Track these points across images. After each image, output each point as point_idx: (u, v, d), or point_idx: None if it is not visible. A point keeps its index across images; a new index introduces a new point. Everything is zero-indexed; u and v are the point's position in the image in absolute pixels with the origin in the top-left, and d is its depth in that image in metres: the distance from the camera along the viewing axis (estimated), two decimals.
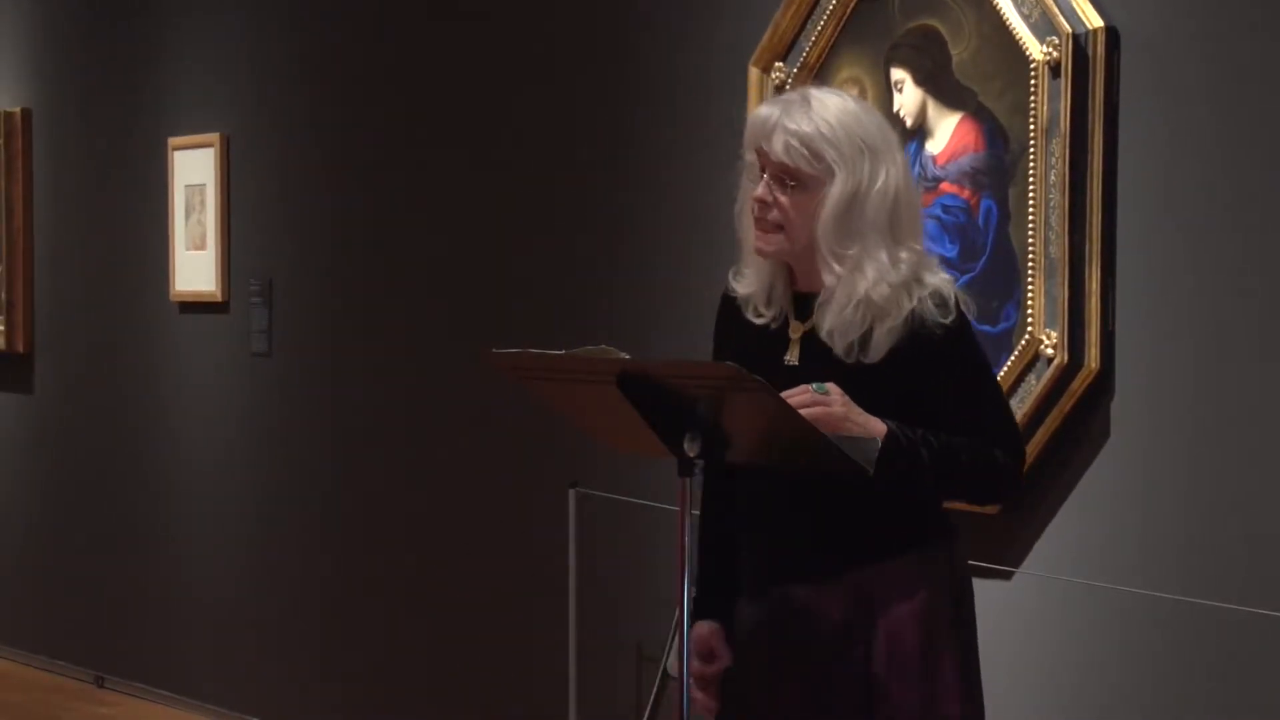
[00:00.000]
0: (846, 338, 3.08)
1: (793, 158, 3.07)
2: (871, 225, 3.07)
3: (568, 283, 5.51)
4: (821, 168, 3.07)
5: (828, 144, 3.06)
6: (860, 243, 3.07)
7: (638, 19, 5.31)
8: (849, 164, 3.06)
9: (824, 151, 3.06)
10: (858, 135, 3.07)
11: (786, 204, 3.10)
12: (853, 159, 3.06)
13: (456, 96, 5.86)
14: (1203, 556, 3.96)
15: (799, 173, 3.08)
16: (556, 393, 3.18)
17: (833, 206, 3.06)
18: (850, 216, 3.07)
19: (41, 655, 7.72)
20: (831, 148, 3.06)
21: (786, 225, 3.11)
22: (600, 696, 5.39)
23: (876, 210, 3.07)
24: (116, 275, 7.31)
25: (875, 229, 3.07)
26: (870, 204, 3.07)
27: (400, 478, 6.13)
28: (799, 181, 3.08)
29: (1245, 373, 3.89)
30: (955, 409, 3.10)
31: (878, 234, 3.07)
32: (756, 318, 3.21)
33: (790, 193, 3.09)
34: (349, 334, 6.30)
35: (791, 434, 2.96)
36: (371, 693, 6.22)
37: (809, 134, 3.06)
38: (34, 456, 7.81)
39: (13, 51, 7.83)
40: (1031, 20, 4.18)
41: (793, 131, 3.07)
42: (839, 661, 3.13)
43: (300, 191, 6.48)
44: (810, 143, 3.06)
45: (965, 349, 3.12)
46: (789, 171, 3.08)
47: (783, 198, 3.10)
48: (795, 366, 3.15)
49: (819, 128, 3.06)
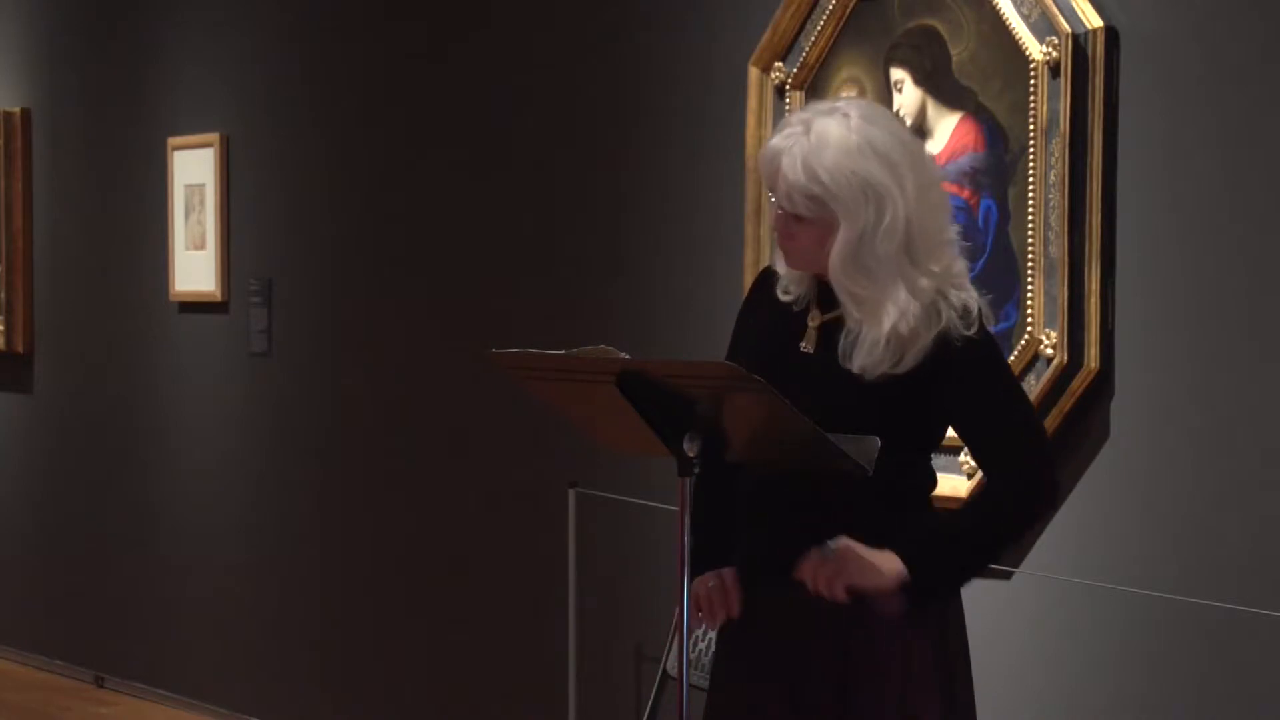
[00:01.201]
0: (878, 370, 3.08)
1: (794, 205, 3.09)
2: (884, 262, 3.05)
3: (568, 283, 5.51)
4: (826, 212, 3.07)
5: (828, 193, 3.05)
6: (875, 282, 3.05)
7: (638, 19, 5.31)
8: (850, 211, 3.05)
9: (826, 201, 3.06)
10: (859, 176, 3.04)
11: (800, 235, 3.12)
12: (853, 204, 3.04)
13: (456, 97, 5.86)
14: (1202, 556, 3.96)
15: (802, 217, 3.09)
16: (556, 393, 3.18)
17: (840, 251, 3.07)
18: (860, 257, 3.06)
19: (41, 655, 7.72)
20: (833, 198, 3.05)
21: (805, 255, 3.13)
22: (600, 696, 5.39)
23: (886, 248, 3.05)
24: (116, 275, 7.31)
25: (887, 265, 3.05)
26: (879, 244, 3.05)
27: (400, 477, 6.13)
28: (808, 221, 3.09)
29: (1245, 373, 3.89)
30: (979, 422, 3.11)
31: (892, 267, 3.05)
32: (784, 294, 3.22)
33: (801, 228, 3.11)
34: (348, 334, 6.30)
35: (791, 433, 2.97)
36: (371, 693, 6.22)
37: (805, 185, 3.05)
38: (34, 456, 7.81)
39: (13, 51, 7.83)
40: (1031, 20, 4.18)
41: (791, 182, 3.07)
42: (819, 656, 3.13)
43: (300, 191, 6.48)
44: (808, 192, 3.06)
45: (986, 361, 3.11)
46: (794, 214, 3.10)
47: (796, 229, 3.12)
48: (809, 355, 3.16)
49: (817, 174, 3.04)
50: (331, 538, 6.39)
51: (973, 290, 3.14)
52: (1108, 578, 4.11)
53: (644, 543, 5.24)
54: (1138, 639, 4.09)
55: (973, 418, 3.11)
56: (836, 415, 3.01)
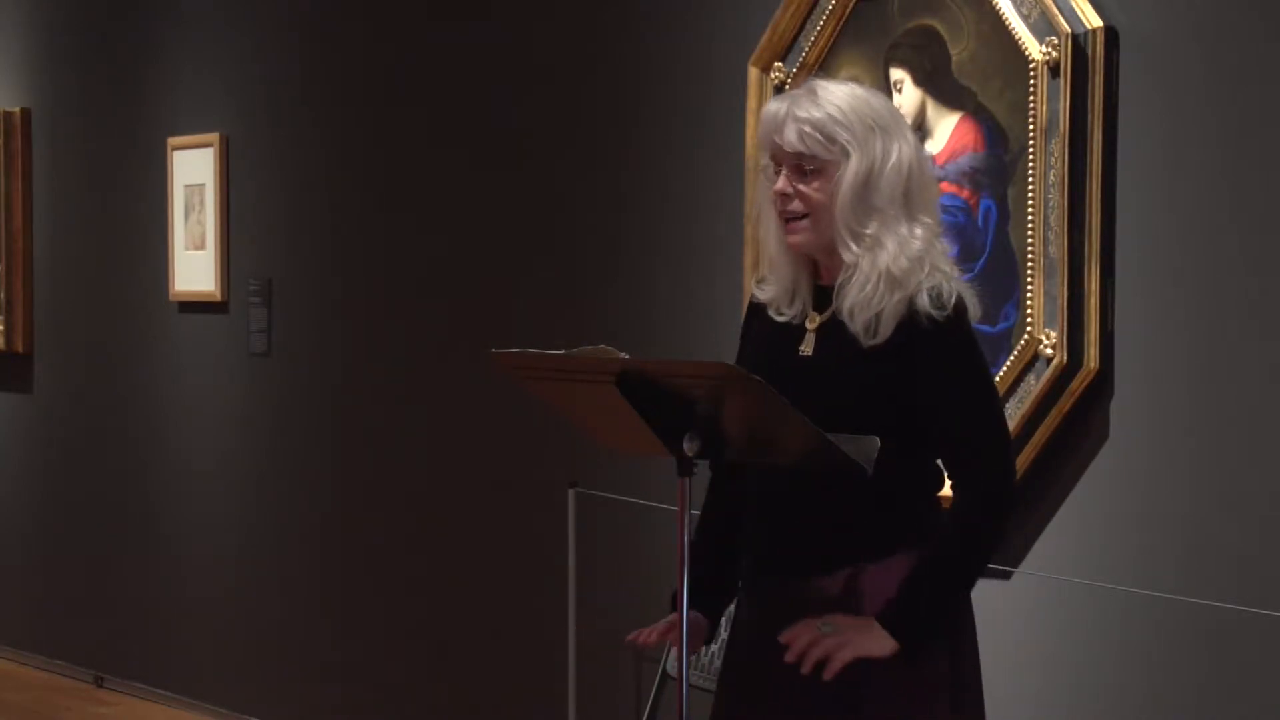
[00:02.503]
0: (866, 313, 3.09)
1: (807, 144, 3.11)
2: (888, 201, 3.10)
3: (568, 283, 5.51)
4: (836, 150, 3.10)
5: (840, 126, 3.10)
6: (878, 219, 3.10)
7: (638, 19, 5.31)
8: (861, 143, 3.10)
9: (836, 134, 3.10)
10: (868, 115, 3.11)
11: (807, 191, 3.13)
12: (865, 138, 3.10)
13: (456, 97, 5.86)
14: (1202, 556, 3.97)
15: (815, 158, 3.11)
16: (556, 393, 3.18)
17: (849, 185, 3.10)
18: (867, 193, 3.10)
19: (41, 655, 7.72)
20: (844, 129, 3.10)
21: (810, 212, 3.14)
22: (600, 696, 5.40)
23: (892, 186, 3.10)
24: (116, 275, 7.31)
25: (892, 204, 3.11)
26: (885, 180, 3.10)
27: (399, 477, 6.13)
28: (816, 167, 3.12)
29: (1244, 372, 3.89)
30: (941, 413, 3.10)
31: (895, 209, 3.11)
32: (779, 316, 3.23)
33: (808, 180, 3.13)
34: (348, 334, 6.30)
35: (791, 433, 2.97)
36: (371, 693, 6.22)
37: (820, 119, 3.10)
38: (34, 456, 7.82)
39: (13, 51, 7.83)
40: (1031, 20, 4.18)
41: (804, 119, 3.11)
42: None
43: (300, 191, 6.48)
44: (822, 127, 3.10)
45: (954, 348, 3.10)
46: (805, 158, 3.12)
47: (802, 186, 3.13)
48: (809, 356, 3.16)
49: (829, 112, 3.10)
50: (331, 537, 6.39)
51: (957, 275, 3.14)
52: (1108, 578, 4.11)
53: (644, 543, 5.24)
54: (1138, 639, 4.09)
55: (934, 410, 3.10)
56: (836, 416, 3.02)
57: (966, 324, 3.12)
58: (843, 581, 3.14)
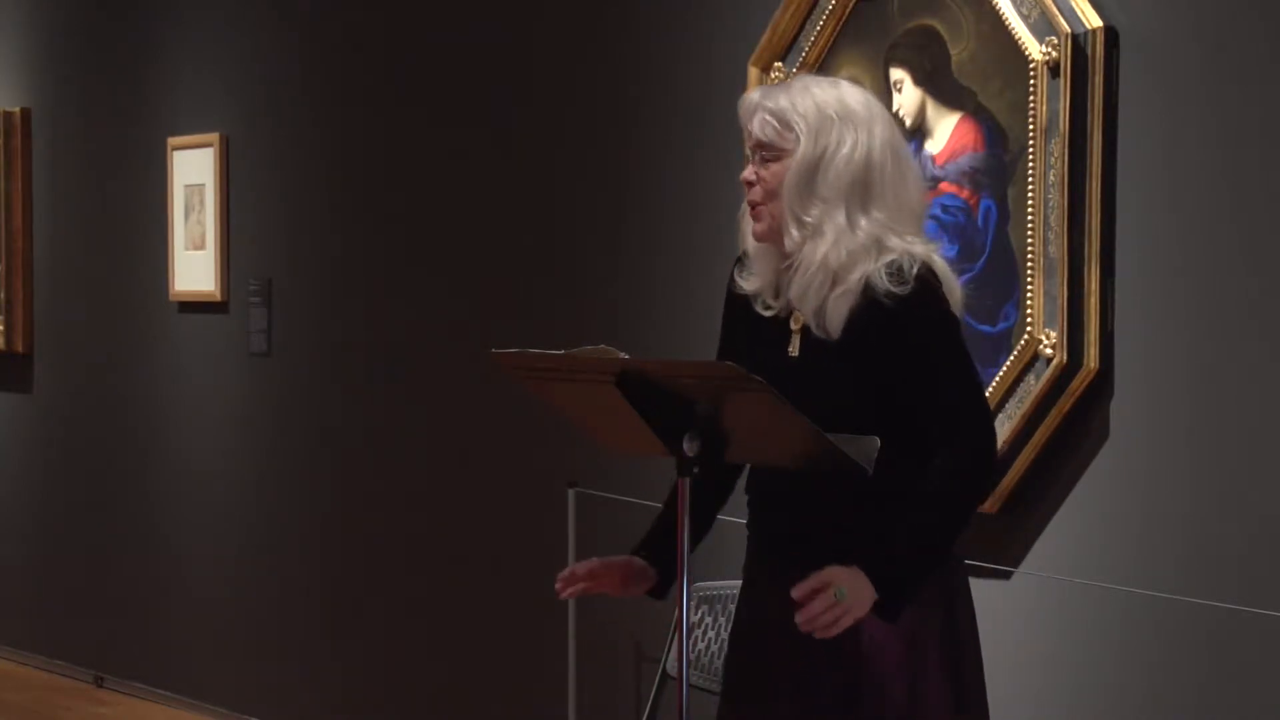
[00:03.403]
0: (810, 303, 3.11)
1: (765, 131, 3.15)
2: (834, 190, 3.11)
3: (568, 282, 5.51)
4: (791, 137, 3.14)
5: (797, 115, 3.14)
6: (821, 207, 3.11)
7: (638, 19, 5.31)
8: (813, 131, 3.12)
9: (793, 122, 3.14)
10: (831, 105, 3.14)
11: (766, 176, 3.16)
12: (818, 126, 3.12)
13: (456, 97, 5.86)
14: (1202, 556, 3.97)
15: (772, 145, 3.15)
16: (556, 393, 3.18)
17: (795, 170, 3.13)
18: (813, 181, 3.12)
19: (41, 655, 7.72)
20: (800, 118, 3.13)
21: (766, 199, 3.16)
22: (600, 696, 5.40)
23: (840, 176, 3.11)
24: (116, 275, 7.31)
25: (838, 195, 3.11)
26: (833, 169, 3.11)
27: (399, 477, 6.13)
28: (773, 155, 3.15)
29: (1245, 373, 3.89)
30: (915, 389, 3.08)
31: (841, 200, 3.11)
32: (765, 310, 3.23)
33: (767, 166, 3.16)
34: (348, 334, 6.30)
35: (791, 433, 2.97)
36: (371, 693, 6.22)
37: (781, 108, 3.15)
38: (34, 456, 7.82)
39: (13, 51, 7.83)
40: (1030, 20, 4.18)
41: (768, 108, 3.16)
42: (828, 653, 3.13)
43: (300, 191, 6.48)
44: (780, 115, 3.14)
45: (922, 321, 3.08)
46: (765, 145, 3.16)
47: (763, 172, 3.17)
48: (796, 358, 3.16)
49: (793, 102, 3.15)
50: (331, 537, 6.39)
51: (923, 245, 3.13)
52: (1108, 578, 4.11)
53: None
54: (1138, 639, 4.09)
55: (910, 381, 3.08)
56: (835, 417, 3.02)
57: (931, 291, 3.09)
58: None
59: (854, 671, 3.11)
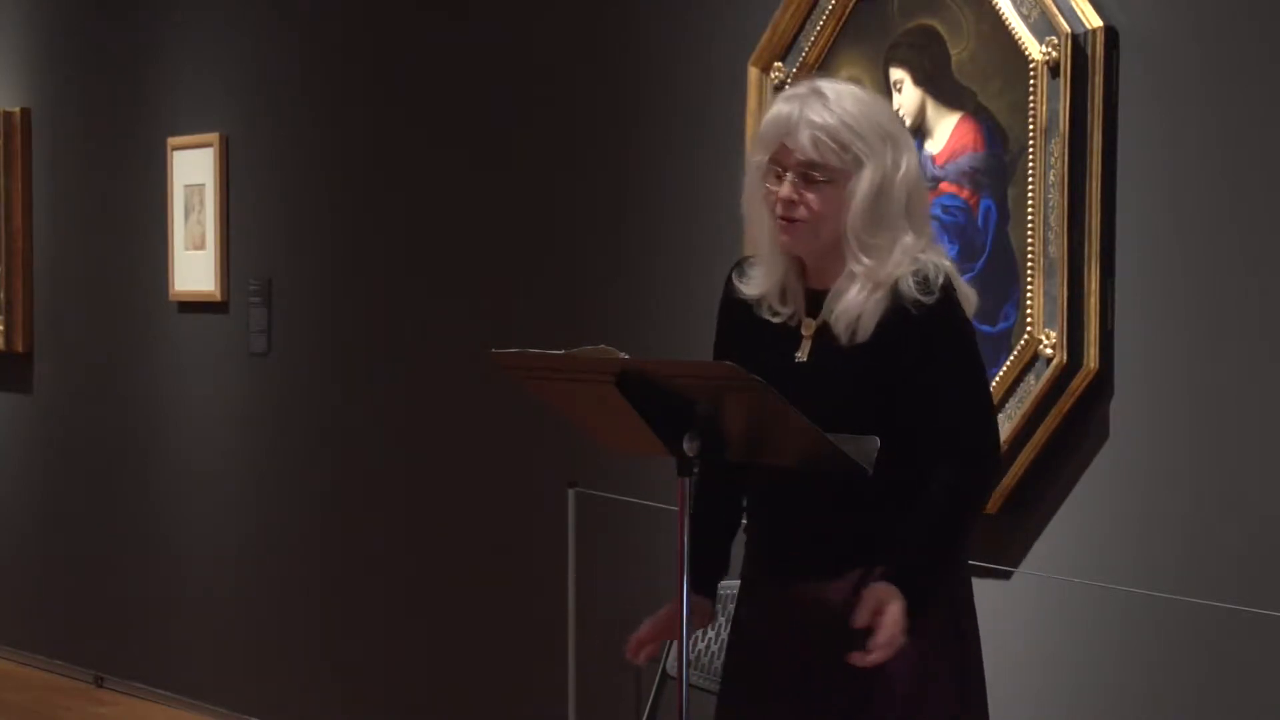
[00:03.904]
0: (849, 314, 3.09)
1: (821, 152, 3.07)
2: (897, 213, 3.09)
3: (568, 283, 5.51)
4: (849, 159, 3.08)
5: (855, 135, 3.07)
6: (889, 230, 3.08)
7: (638, 19, 5.31)
8: (876, 154, 3.08)
9: (851, 143, 3.07)
10: (880, 123, 3.10)
11: (814, 200, 3.10)
12: (878, 148, 3.08)
13: (456, 96, 5.86)
14: (1202, 556, 3.96)
15: (827, 167, 3.08)
16: (556, 393, 3.18)
17: (864, 197, 3.07)
18: (879, 205, 3.08)
19: (41, 655, 7.72)
20: (858, 139, 3.07)
21: (814, 221, 3.11)
22: (600, 697, 5.39)
23: (899, 199, 3.09)
24: (116, 275, 7.31)
25: (900, 216, 3.09)
26: (895, 193, 3.09)
27: (399, 478, 6.13)
28: (828, 177, 3.09)
29: (1244, 372, 3.89)
30: (927, 395, 3.09)
31: (902, 220, 3.09)
32: (772, 316, 3.21)
33: (818, 188, 3.09)
34: (348, 334, 6.30)
35: (791, 433, 2.97)
36: (371, 693, 6.22)
37: (835, 126, 3.07)
38: (33, 456, 7.81)
39: (13, 51, 7.83)
40: (1030, 20, 4.18)
41: (819, 125, 3.07)
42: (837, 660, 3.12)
43: (300, 191, 6.48)
44: (837, 135, 3.07)
45: (944, 331, 3.09)
46: (816, 166, 3.08)
47: (810, 194, 3.10)
48: (805, 362, 3.16)
49: (843, 119, 3.07)
50: (331, 537, 6.39)
51: (945, 258, 3.14)
52: (1108, 578, 4.11)
53: (644, 543, 5.24)
54: (1138, 639, 4.09)
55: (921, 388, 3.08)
56: (839, 418, 3.02)
57: (954, 302, 3.11)
58: (851, 585, 3.13)
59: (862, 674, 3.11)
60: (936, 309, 3.08)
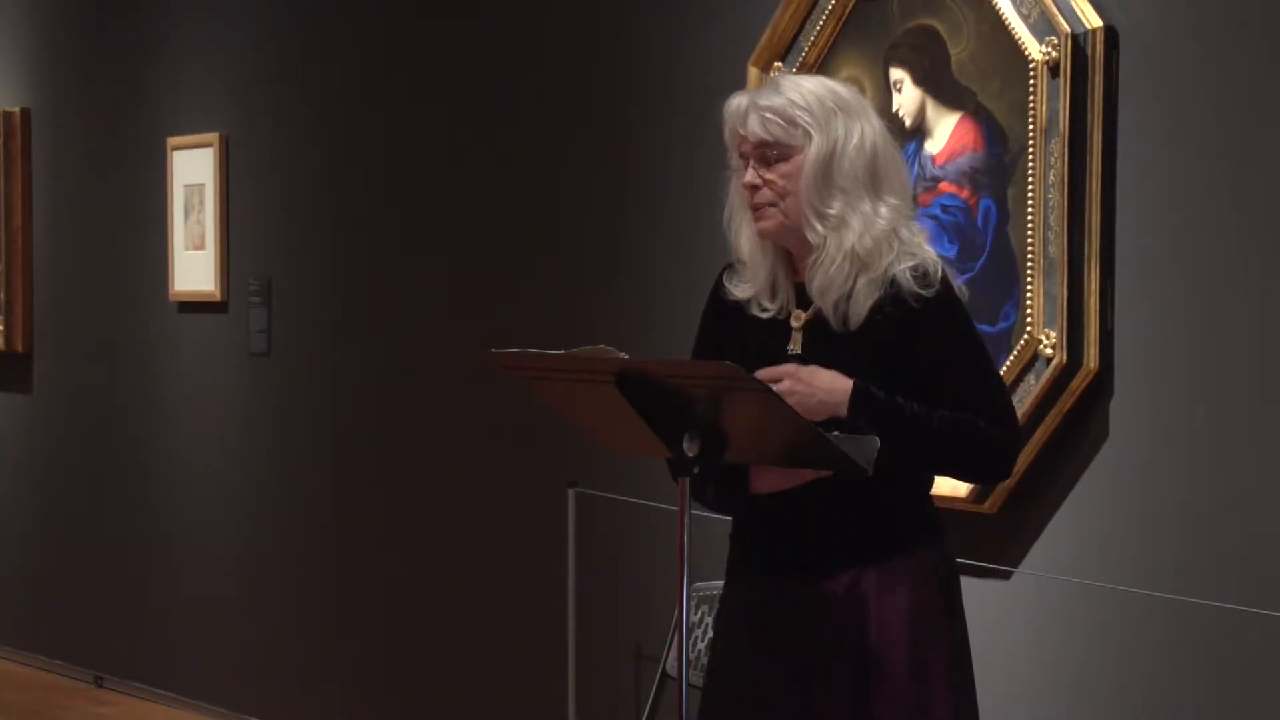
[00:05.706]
0: (834, 293, 3.12)
1: (769, 130, 3.15)
2: (851, 180, 3.14)
3: (568, 283, 5.51)
4: (798, 133, 3.15)
5: (799, 110, 3.15)
6: (842, 198, 3.14)
7: (638, 19, 5.31)
8: (822, 124, 3.14)
9: (796, 117, 3.14)
10: (828, 98, 3.16)
11: (774, 177, 3.17)
12: (825, 119, 3.15)
13: (455, 96, 5.86)
14: (1202, 556, 3.97)
15: (778, 143, 3.15)
16: (556, 392, 3.19)
17: (812, 165, 3.14)
18: (830, 173, 3.13)
19: (40, 655, 7.72)
20: (803, 112, 3.14)
21: (779, 199, 3.17)
22: (600, 696, 5.40)
23: (855, 165, 3.14)
24: (116, 275, 7.31)
25: (856, 183, 3.14)
26: (848, 159, 3.14)
27: (399, 478, 6.13)
28: (779, 153, 3.16)
29: (1244, 373, 3.89)
30: (943, 384, 3.11)
31: (859, 188, 3.14)
32: (762, 313, 3.23)
33: (774, 167, 3.16)
34: (348, 334, 6.30)
35: (790, 433, 2.97)
36: (371, 693, 6.22)
37: (781, 104, 3.15)
38: (33, 456, 7.82)
39: (12, 51, 7.83)
40: (1030, 20, 4.18)
41: (764, 106, 3.16)
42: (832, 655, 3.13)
43: (299, 191, 6.48)
44: (782, 112, 3.15)
45: (948, 323, 3.14)
46: (769, 145, 3.16)
47: (769, 174, 3.17)
48: (798, 355, 3.17)
49: (789, 97, 3.16)
50: (331, 538, 6.39)
51: (931, 251, 3.18)
52: (1108, 578, 4.11)
53: (644, 543, 5.24)
54: (1138, 639, 4.09)
55: (935, 386, 3.10)
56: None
57: (954, 294, 3.16)
58: (845, 583, 3.14)
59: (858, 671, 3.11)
60: (940, 302, 3.12)
